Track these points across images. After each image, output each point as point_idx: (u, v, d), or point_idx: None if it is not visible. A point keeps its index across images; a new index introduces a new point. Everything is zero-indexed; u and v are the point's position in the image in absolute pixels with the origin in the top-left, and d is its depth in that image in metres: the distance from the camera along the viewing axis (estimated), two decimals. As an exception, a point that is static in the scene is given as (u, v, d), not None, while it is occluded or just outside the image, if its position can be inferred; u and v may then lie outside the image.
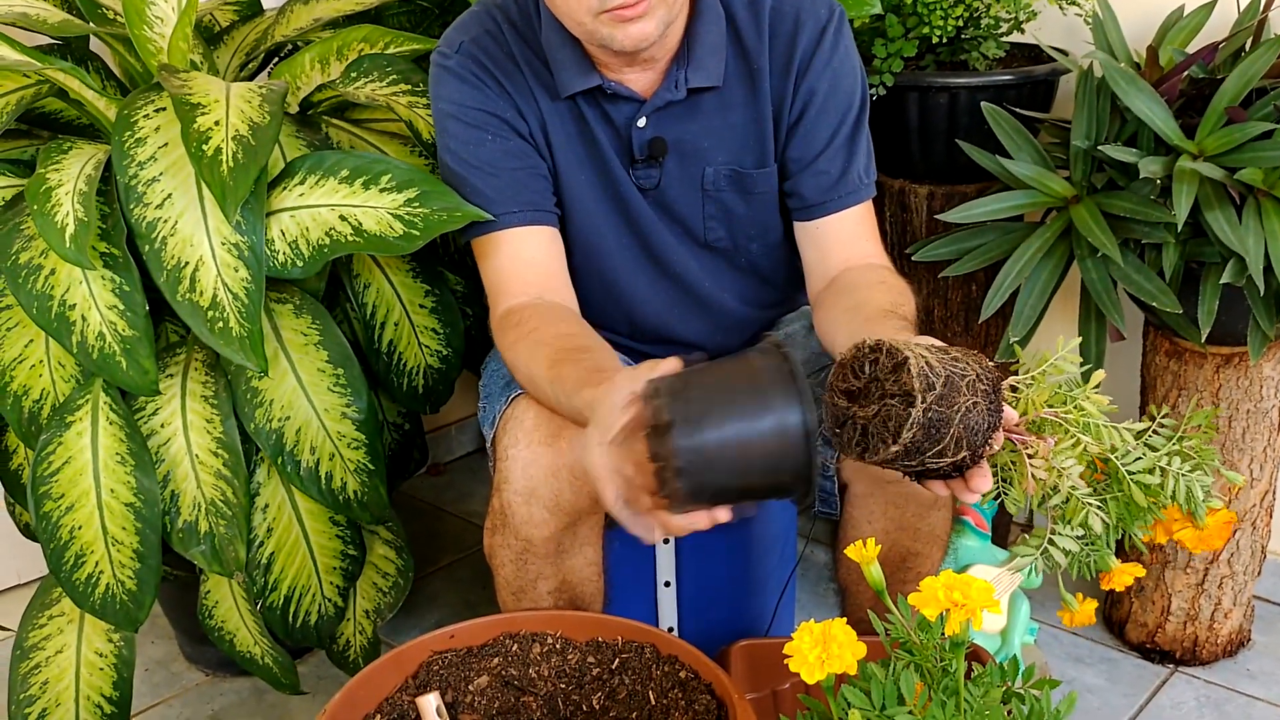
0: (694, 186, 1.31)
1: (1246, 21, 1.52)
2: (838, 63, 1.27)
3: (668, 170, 1.30)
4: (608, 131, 1.28)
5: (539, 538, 1.20)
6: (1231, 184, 1.38)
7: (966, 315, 1.75)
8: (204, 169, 1.20)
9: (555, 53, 1.25)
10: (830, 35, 1.26)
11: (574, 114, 1.28)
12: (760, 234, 1.35)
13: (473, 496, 2.30)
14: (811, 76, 1.26)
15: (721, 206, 1.32)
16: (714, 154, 1.29)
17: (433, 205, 1.26)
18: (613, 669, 1.18)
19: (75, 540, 1.30)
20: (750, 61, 1.27)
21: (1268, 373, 1.55)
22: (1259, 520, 1.65)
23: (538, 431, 1.17)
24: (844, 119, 1.28)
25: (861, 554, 0.89)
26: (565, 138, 1.28)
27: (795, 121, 1.28)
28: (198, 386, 1.37)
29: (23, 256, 1.28)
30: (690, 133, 1.28)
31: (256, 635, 1.49)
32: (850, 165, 1.28)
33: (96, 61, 1.55)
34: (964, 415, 0.88)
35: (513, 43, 1.27)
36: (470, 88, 1.26)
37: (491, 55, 1.27)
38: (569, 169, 1.29)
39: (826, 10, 1.27)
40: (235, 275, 1.26)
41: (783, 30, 1.26)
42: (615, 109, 1.27)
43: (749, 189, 1.31)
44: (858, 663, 0.81)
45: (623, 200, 1.31)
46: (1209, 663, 1.70)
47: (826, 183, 1.28)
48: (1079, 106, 1.51)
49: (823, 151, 1.28)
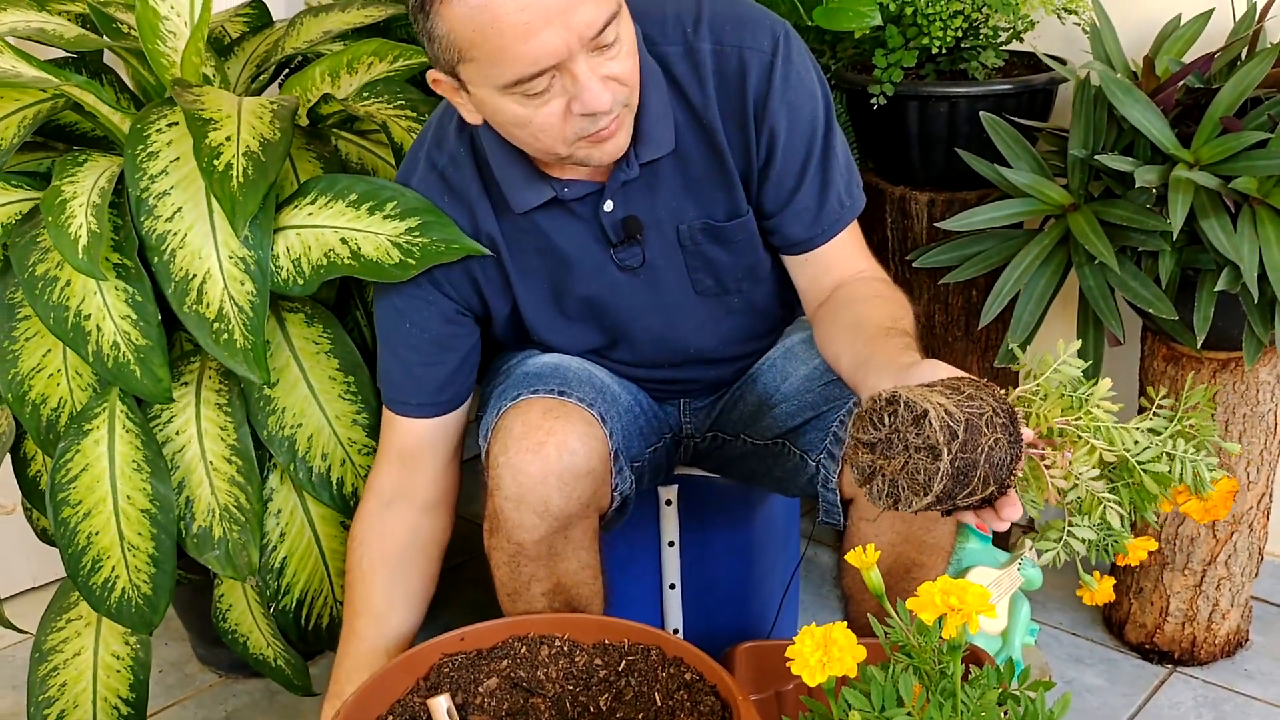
0: (674, 250, 1.29)
1: (1242, 32, 1.54)
2: (792, 94, 1.20)
3: (648, 243, 1.27)
4: (579, 227, 1.26)
5: (530, 541, 1.23)
6: (1226, 193, 1.40)
7: (967, 320, 1.77)
8: (215, 184, 1.23)
9: (504, 171, 1.22)
10: (780, 67, 1.19)
11: (540, 223, 1.26)
12: (748, 274, 1.33)
13: (477, 499, 2.30)
14: (770, 117, 1.20)
15: (703, 258, 1.30)
16: (683, 211, 1.26)
17: (432, 235, 1.27)
18: (619, 671, 1.20)
19: (92, 545, 1.32)
20: (699, 116, 1.21)
21: (1264, 377, 1.57)
22: (1256, 522, 1.67)
23: (525, 440, 1.20)
24: (810, 149, 1.23)
25: (861, 560, 0.91)
26: (535, 250, 1.28)
27: (764, 165, 1.24)
28: (211, 394, 1.40)
29: (39, 268, 1.30)
30: (661, 201, 1.25)
31: (269, 638, 1.51)
32: (827, 195, 1.25)
33: (110, 74, 1.58)
34: (988, 454, 0.90)
35: (455, 184, 1.26)
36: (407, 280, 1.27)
37: (450, 192, 1.27)
38: (538, 281, 1.31)
39: (769, 39, 1.19)
40: (241, 289, 1.28)
41: (729, 75, 1.19)
42: (580, 206, 1.25)
43: (726, 239, 1.29)
44: (858, 666, 0.84)
45: (612, 285, 1.29)
46: (1207, 663, 1.73)
47: (808, 219, 1.26)
48: (1076, 116, 1.53)
49: (797, 190, 1.24)
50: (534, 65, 1.04)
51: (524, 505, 1.21)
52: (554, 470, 1.19)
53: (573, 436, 1.20)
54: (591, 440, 1.22)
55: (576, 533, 1.25)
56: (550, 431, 1.20)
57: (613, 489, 1.28)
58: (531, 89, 1.06)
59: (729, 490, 1.57)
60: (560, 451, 1.19)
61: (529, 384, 1.27)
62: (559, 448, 1.19)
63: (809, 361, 1.37)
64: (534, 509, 1.20)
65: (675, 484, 1.55)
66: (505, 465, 1.21)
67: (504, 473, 1.21)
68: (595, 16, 1.04)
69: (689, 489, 1.56)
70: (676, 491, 1.55)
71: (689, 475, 1.55)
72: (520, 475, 1.20)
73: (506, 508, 1.22)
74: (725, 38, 1.19)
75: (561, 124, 1.10)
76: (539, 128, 1.10)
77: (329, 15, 1.69)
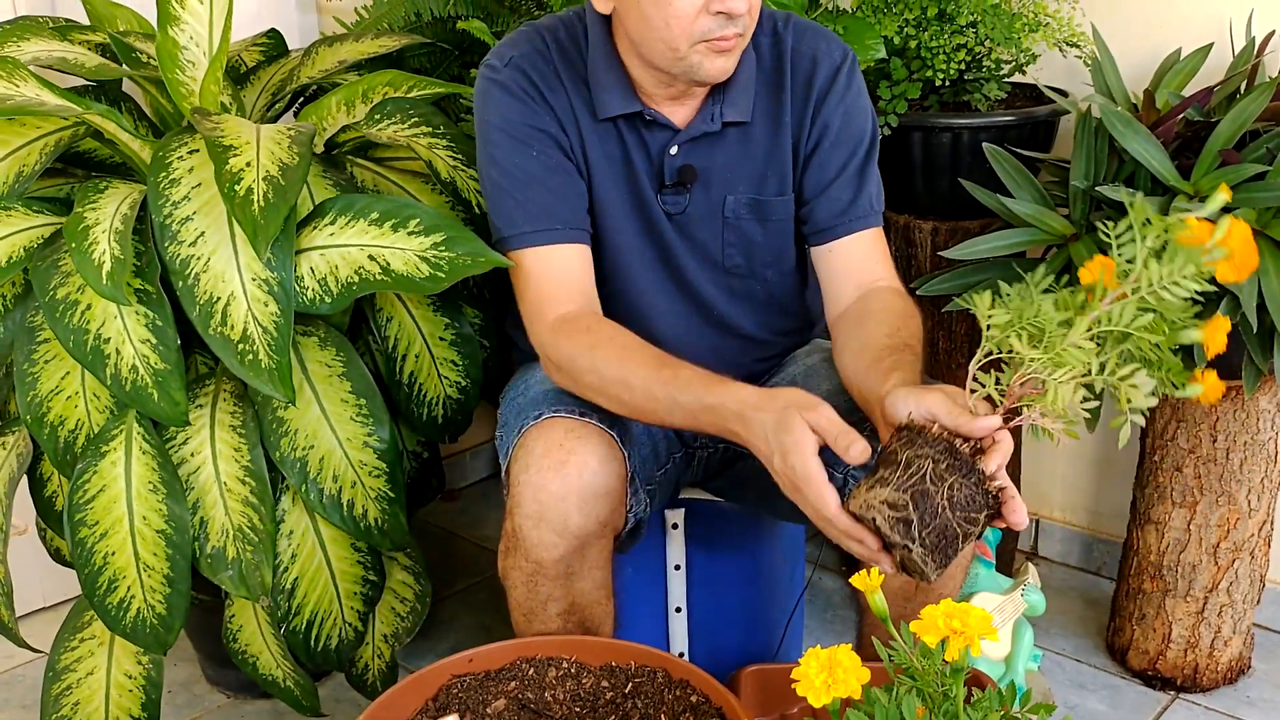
0: (715, 214, 1.38)
1: (1241, 66, 1.57)
2: (850, 100, 1.36)
3: (694, 197, 1.37)
4: (641, 155, 1.35)
5: (548, 560, 1.24)
6: (1226, 224, 1.42)
7: (970, 347, 1.79)
8: (236, 208, 1.26)
9: (600, 75, 1.31)
10: (844, 75, 1.36)
11: (613, 135, 1.34)
12: (775, 260, 1.42)
13: (486, 521, 2.35)
14: (826, 111, 1.35)
15: (740, 234, 1.39)
16: (736, 183, 1.37)
17: (458, 250, 1.31)
18: (626, 693, 1.22)
19: (109, 566, 1.34)
20: (774, 97, 1.35)
21: (1264, 406, 1.59)
22: (1257, 549, 1.68)
23: (547, 458, 1.22)
24: (855, 151, 1.36)
25: (865, 583, 0.93)
26: (603, 158, 1.34)
27: (811, 152, 1.36)
28: (226, 417, 1.42)
29: (60, 292, 1.33)
30: (717, 162, 1.36)
31: (279, 658, 1.53)
32: (860, 193, 1.36)
33: (129, 102, 1.61)
34: (950, 505, 0.96)
35: (559, 62, 1.33)
36: (518, 102, 1.31)
37: (539, 72, 1.32)
38: (604, 188, 1.35)
39: (840, 53, 1.37)
40: (265, 310, 1.31)
41: (801, 68, 1.35)
42: (651, 135, 1.34)
43: (767, 216, 1.38)
44: (863, 687, 0.85)
45: (650, 221, 1.38)
46: (1210, 690, 1.74)
47: (838, 208, 1.36)
48: (1078, 147, 1.56)
49: (835, 179, 1.36)
50: None
51: (544, 523, 1.22)
52: (574, 489, 1.21)
53: (593, 457, 1.22)
54: (610, 461, 1.24)
55: (593, 553, 1.27)
56: (571, 451, 1.22)
57: (627, 510, 1.30)
58: None
59: (735, 514, 1.59)
60: (581, 470, 1.22)
61: (550, 403, 1.29)
62: (580, 467, 1.22)
63: (830, 379, 1.40)
64: (553, 527, 1.22)
65: (682, 508, 1.57)
66: (526, 483, 1.23)
67: (525, 490, 1.23)
68: None
69: (695, 513, 1.58)
70: (683, 515, 1.57)
71: (695, 499, 1.57)
72: (541, 493, 1.22)
73: (526, 526, 1.23)
74: (805, 40, 1.36)
75: (694, 17, 1.21)
76: (675, 13, 1.21)
77: (343, 45, 1.73)
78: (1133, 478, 1.75)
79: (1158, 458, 1.67)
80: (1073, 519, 2.07)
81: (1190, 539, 1.66)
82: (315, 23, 2.11)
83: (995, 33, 1.64)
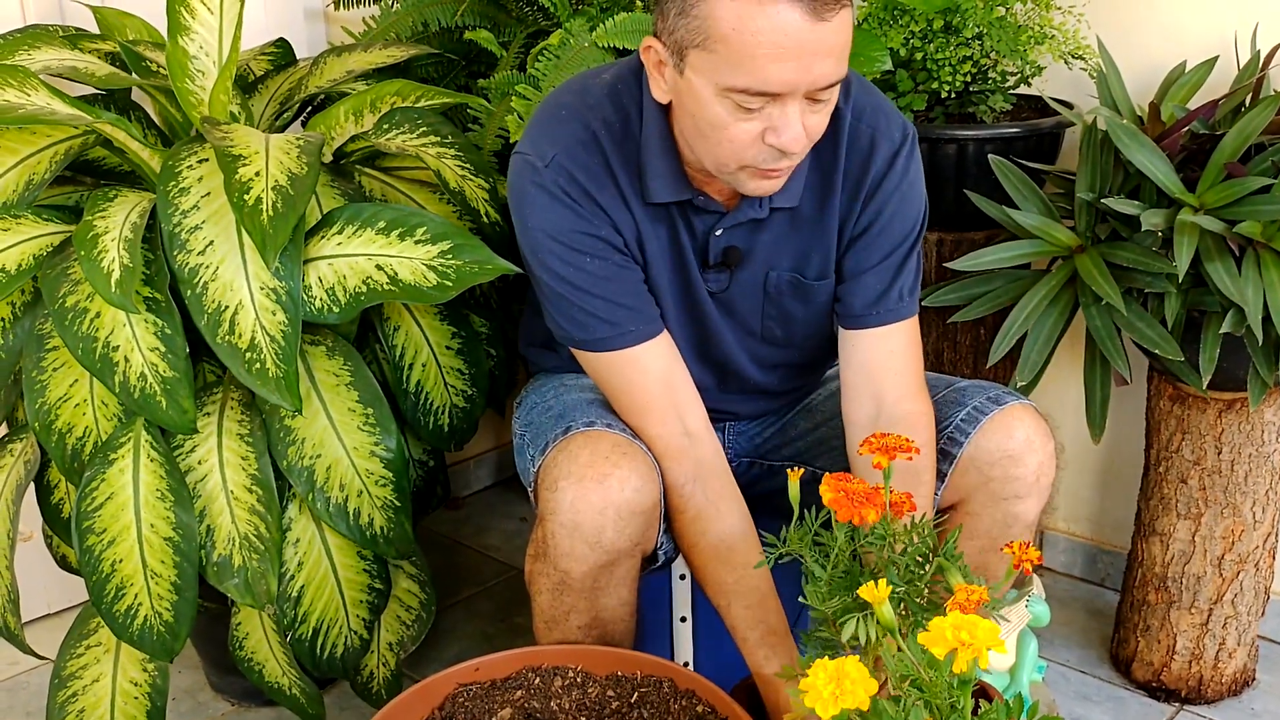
0: (758, 289, 1.35)
1: (1246, 79, 1.57)
2: (906, 187, 1.30)
3: (737, 275, 1.34)
4: (688, 236, 1.31)
5: (577, 572, 1.24)
6: (1231, 236, 1.43)
7: (975, 359, 1.80)
8: (245, 218, 1.26)
9: (653, 162, 1.25)
10: (903, 159, 1.29)
11: (664, 217, 1.29)
12: (814, 333, 1.40)
13: (490, 530, 2.35)
14: (880, 198, 1.29)
15: (781, 309, 1.37)
16: (780, 260, 1.33)
17: (465, 258, 1.32)
18: (632, 703, 1.22)
19: (116, 573, 1.35)
20: (825, 177, 1.29)
21: (1269, 418, 1.59)
22: (1262, 561, 1.68)
23: (591, 469, 1.22)
24: (901, 243, 1.32)
25: (873, 594, 0.93)
26: (655, 241, 1.30)
27: (857, 236, 1.32)
28: (233, 425, 1.42)
29: (69, 300, 1.33)
30: (761, 243, 1.32)
31: (285, 666, 1.53)
32: (893, 285, 1.32)
33: (138, 111, 1.62)
34: None
35: (608, 149, 1.25)
36: (566, 209, 1.25)
37: (585, 169, 1.25)
38: (656, 270, 1.32)
39: (900, 133, 1.29)
40: (273, 319, 1.31)
41: (858, 149, 1.28)
42: (698, 218, 1.30)
43: (809, 297, 1.36)
44: (870, 699, 0.86)
45: (694, 300, 1.35)
46: (1214, 701, 1.73)
47: (869, 297, 1.32)
48: (1083, 159, 1.57)
49: (873, 268, 1.32)
50: (764, 85, 1.10)
51: (578, 534, 1.22)
52: (614, 502, 1.21)
53: (635, 475, 1.22)
54: (651, 483, 1.24)
55: (621, 570, 1.27)
56: (616, 465, 1.22)
57: (658, 546, 1.31)
58: (748, 103, 1.12)
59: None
60: (623, 486, 1.21)
61: (596, 415, 1.30)
62: (622, 482, 1.21)
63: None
64: (587, 539, 1.22)
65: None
66: (565, 490, 1.22)
67: (563, 498, 1.22)
68: (832, 73, 1.12)
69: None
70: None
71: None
72: (580, 503, 1.21)
73: (560, 534, 1.23)
74: (864, 116, 1.29)
75: (749, 144, 1.16)
76: (729, 137, 1.16)
77: (351, 55, 1.74)
78: (1137, 489, 1.75)
79: (1162, 469, 1.67)
80: (1077, 530, 2.07)
81: (1195, 551, 1.66)
82: (323, 33, 2.11)
83: (1001, 45, 1.65)
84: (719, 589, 1.30)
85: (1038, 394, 1.49)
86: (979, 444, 1.29)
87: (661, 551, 1.32)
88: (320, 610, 1.48)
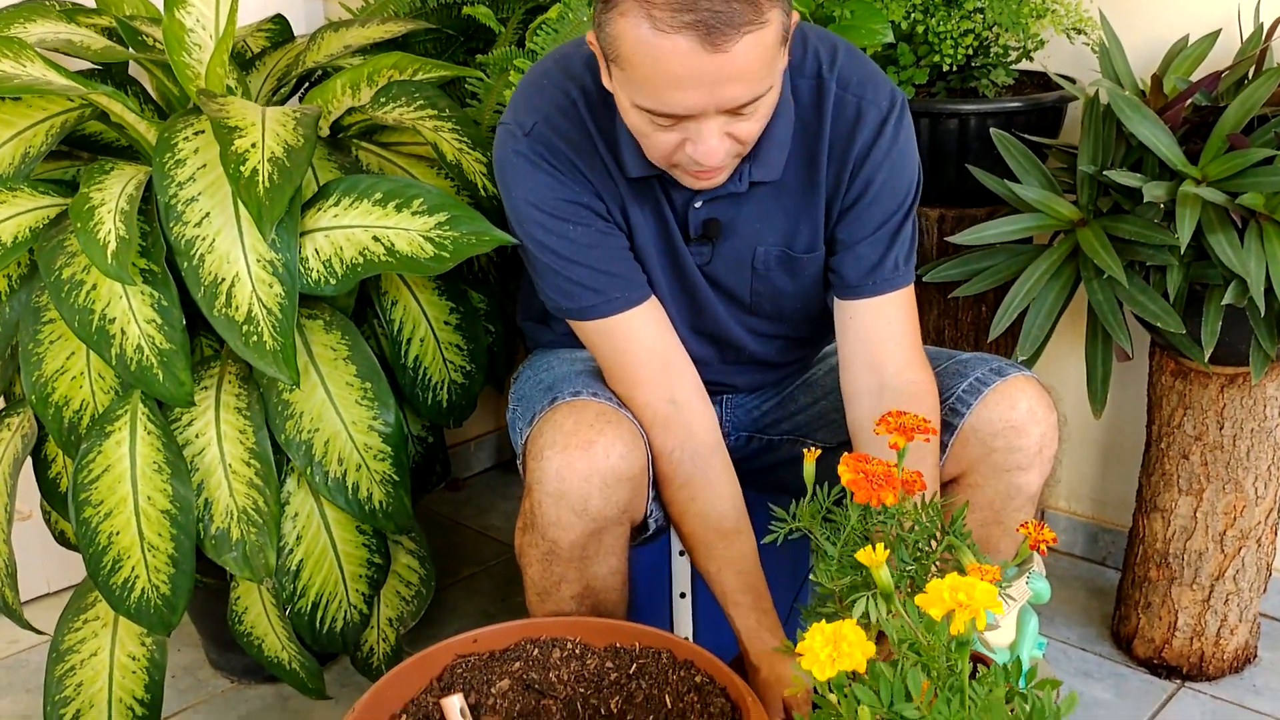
0: (744, 265, 1.34)
1: (1249, 51, 1.56)
2: (896, 154, 1.27)
3: (720, 249, 1.32)
4: (669, 208, 1.29)
5: (566, 541, 1.24)
6: (1233, 208, 1.42)
7: (976, 335, 1.79)
8: (241, 189, 1.26)
9: (624, 134, 1.23)
10: (891, 127, 1.25)
11: (647, 189, 1.28)
12: (804, 305, 1.39)
13: (490, 511, 2.35)
14: (869, 168, 1.26)
15: (769, 284, 1.35)
16: (765, 235, 1.31)
17: (462, 229, 1.31)
18: (630, 674, 1.21)
19: (113, 545, 1.34)
20: (811, 149, 1.27)
21: (1271, 392, 1.58)
22: (1264, 538, 1.68)
23: (576, 437, 1.21)
24: (895, 211, 1.29)
25: (870, 559, 0.92)
26: (640, 210, 1.29)
27: (848, 208, 1.29)
28: (231, 399, 1.42)
29: (65, 272, 1.33)
30: (744, 217, 1.30)
31: (284, 640, 1.53)
32: (888, 254, 1.30)
33: (135, 86, 1.61)
34: None
35: (587, 118, 1.24)
36: (546, 176, 1.24)
37: (565, 136, 1.24)
38: (641, 239, 1.30)
39: (888, 100, 1.26)
40: (270, 291, 1.31)
41: (844, 119, 1.25)
42: (676, 191, 1.28)
43: (797, 271, 1.34)
44: (867, 662, 0.85)
45: (682, 271, 1.34)
46: (1215, 678, 1.73)
47: (864, 267, 1.30)
48: (1085, 132, 1.56)
49: (867, 238, 1.29)
50: (668, 108, 1.10)
51: (564, 502, 1.21)
52: (600, 470, 1.21)
53: (620, 442, 1.22)
54: (636, 450, 1.24)
55: (609, 538, 1.27)
56: (601, 432, 1.21)
57: (647, 515, 1.30)
58: (658, 121, 1.12)
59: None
60: (608, 453, 1.21)
61: (584, 384, 1.29)
62: (607, 449, 1.21)
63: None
64: (573, 507, 1.21)
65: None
66: (550, 459, 1.21)
67: (548, 466, 1.21)
68: (743, 94, 1.09)
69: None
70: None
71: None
72: (565, 470, 1.20)
73: (546, 503, 1.22)
74: (850, 85, 1.26)
75: (671, 151, 1.16)
76: (651, 144, 1.16)
77: (349, 30, 1.73)
78: (1138, 467, 1.74)
79: (1164, 445, 1.66)
80: (1078, 508, 2.07)
81: (1196, 526, 1.66)
82: (321, 9, 2.11)
83: (1003, 18, 1.64)
84: (708, 556, 1.29)
85: (1038, 370, 1.48)
86: (981, 415, 1.29)
87: (651, 520, 1.31)
88: (319, 584, 1.48)
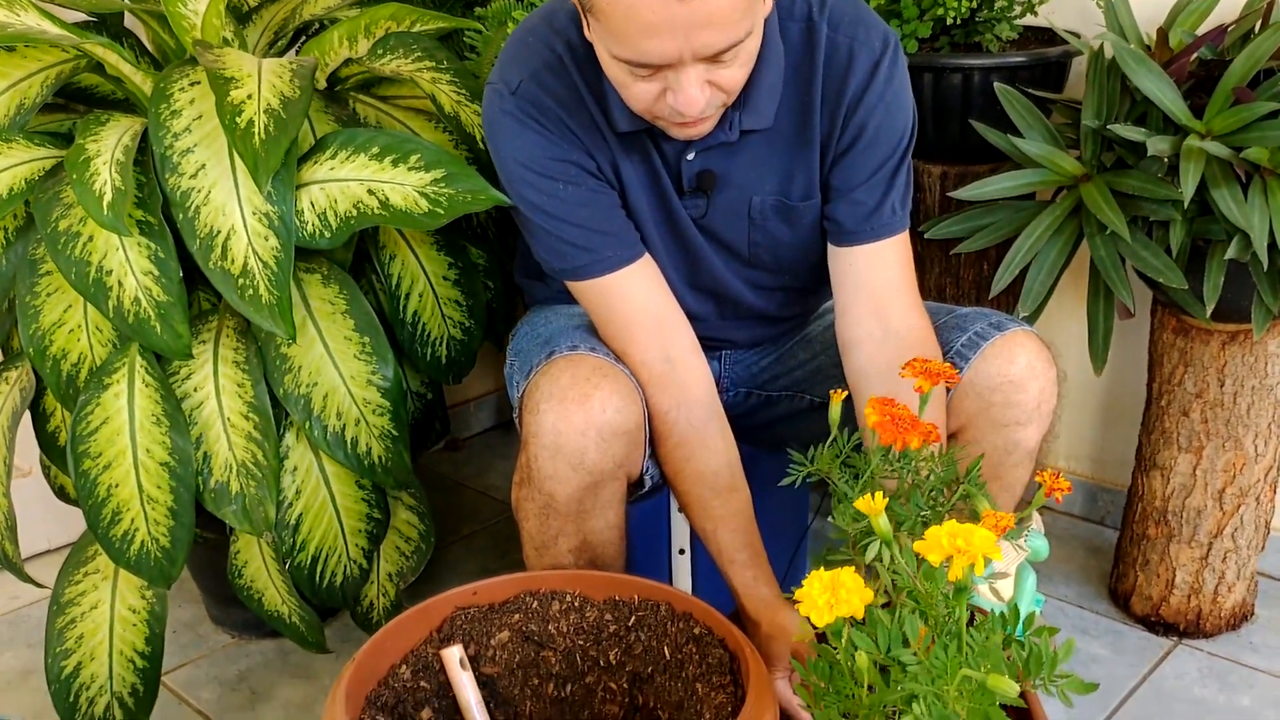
0: (740, 216, 1.32)
1: (1256, 5, 1.55)
2: (890, 98, 1.25)
3: (715, 200, 1.31)
4: (661, 161, 1.28)
5: (562, 494, 1.23)
6: (1238, 163, 1.40)
7: (978, 292, 1.78)
8: (237, 140, 1.25)
9: (611, 90, 1.21)
10: (884, 70, 1.24)
11: (638, 144, 1.27)
12: (803, 256, 1.37)
13: (490, 471, 2.35)
14: (862, 112, 1.24)
15: (767, 234, 1.34)
16: (761, 184, 1.30)
17: (458, 186, 1.30)
18: (629, 625, 1.22)
19: (112, 497, 1.34)
20: (803, 95, 1.25)
21: (1272, 349, 1.58)
22: (1263, 495, 1.68)
23: (572, 390, 1.21)
24: (890, 155, 1.27)
25: (870, 507, 0.92)
26: (630, 166, 1.27)
27: (842, 153, 1.27)
28: (229, 352, 1.41)
29: (62, 224, 1.32)
30: (738, 166, 1.28)
31: (284, 594, 1.53)
32: (885, 199, 1.28)
33: (130, 38, 1.60)
34: None
35: (575, 73, 1.23)
36: (533, 134, 1.23)
37: (553, 93, 1.22)
38: (634, 195, 1.29)
39: (880, 42, 1.24)
40: (265, 244, 1.30)
41: (836, 62, 1.23)
42: (668, 143, 1.26)
43: (795, 219, 1.32)
44: (865, 609, 0.85)
45: (676, 225, 1.32)
46: (1212, 635, 1.74)
47: (861, 212, 1.28)
48: (1089, 87, 1.54)
49: (863, 183, 1.28)
50: (643, 58, 1.08)
51: (560, 456, 1.21)
52: (596, 423, 1.20)
53: (616, 395, 1.21)
54: (633, 404, 1.23)
55: (606, 492, 1.26)
56: (597, 386, 1.21)
57: (644, 471, 1.30)
58: (637, 71, 1.10)
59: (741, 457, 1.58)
60: (604, 406, 1.20)
61: (580, 339, 1.28)
62: (603, 403, 1.20)
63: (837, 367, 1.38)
64: (569, 461, 1.21)
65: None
66: (547, 412, 1.21)
67: (544, 420, 1.21)
68: (718, 40, 1.07)
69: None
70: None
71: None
72: (561, 424, 1.20)
73: (542, 457, 1.22)
74: (841, 28, 1.24)
75: (652, 102, 1.14)
76: (632, 96, 1.15)
77: (347, -18, 1.71)
78: (1138, 426, 1.74)
79: (1164, 402, 1.66)
80: (1077, 468, 2.07)
81: (1196, 484, 1.66)
82: (318, -37, 2.08)
83: (1007, -29, 1.62)
84: (704, 513, 1.29)
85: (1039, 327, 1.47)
86: (980, 369, 1.28)
87: (648, 476, 1.31)
88: (319, 538, 1.48)
